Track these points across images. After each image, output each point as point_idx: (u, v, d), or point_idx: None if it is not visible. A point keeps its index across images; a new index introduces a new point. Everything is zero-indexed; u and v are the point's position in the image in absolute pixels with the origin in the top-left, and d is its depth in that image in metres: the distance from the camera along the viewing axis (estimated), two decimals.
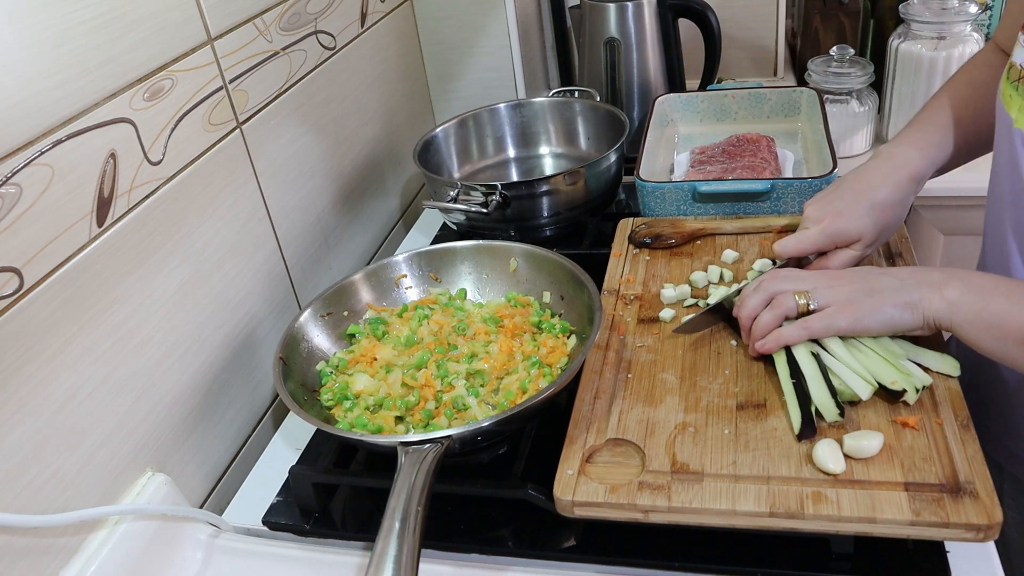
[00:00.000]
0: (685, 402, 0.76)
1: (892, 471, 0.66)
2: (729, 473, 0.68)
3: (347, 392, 0.84)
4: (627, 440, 0.73)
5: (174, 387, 0.83)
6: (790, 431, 0.71)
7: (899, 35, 1.41)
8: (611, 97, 1.44)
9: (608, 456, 0.72)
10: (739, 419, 0.73)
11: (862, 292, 0.74)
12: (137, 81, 0.77)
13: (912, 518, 0.62)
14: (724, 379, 0.78)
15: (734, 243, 1.00)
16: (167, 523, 0.78)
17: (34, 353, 0.66)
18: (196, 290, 0.86)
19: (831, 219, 0.85)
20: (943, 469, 0.66)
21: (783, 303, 0.76)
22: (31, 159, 0.65)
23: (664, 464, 0.70)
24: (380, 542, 0.61)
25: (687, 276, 0.95)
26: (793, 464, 0.68)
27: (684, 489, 0.67)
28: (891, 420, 0.71)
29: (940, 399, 0.72)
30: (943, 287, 0.71)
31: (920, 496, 0.63)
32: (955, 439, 0.68)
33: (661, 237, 1.01)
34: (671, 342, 0.84)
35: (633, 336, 0.86)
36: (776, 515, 0.64)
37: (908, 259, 0.91)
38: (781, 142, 1.22)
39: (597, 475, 0.70)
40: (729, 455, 0.70)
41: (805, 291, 0.75)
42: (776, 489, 0.66)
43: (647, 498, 0.67)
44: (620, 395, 0.78)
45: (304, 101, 1.07)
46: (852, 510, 0.63)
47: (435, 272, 0.99)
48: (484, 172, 1.33)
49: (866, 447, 0.67)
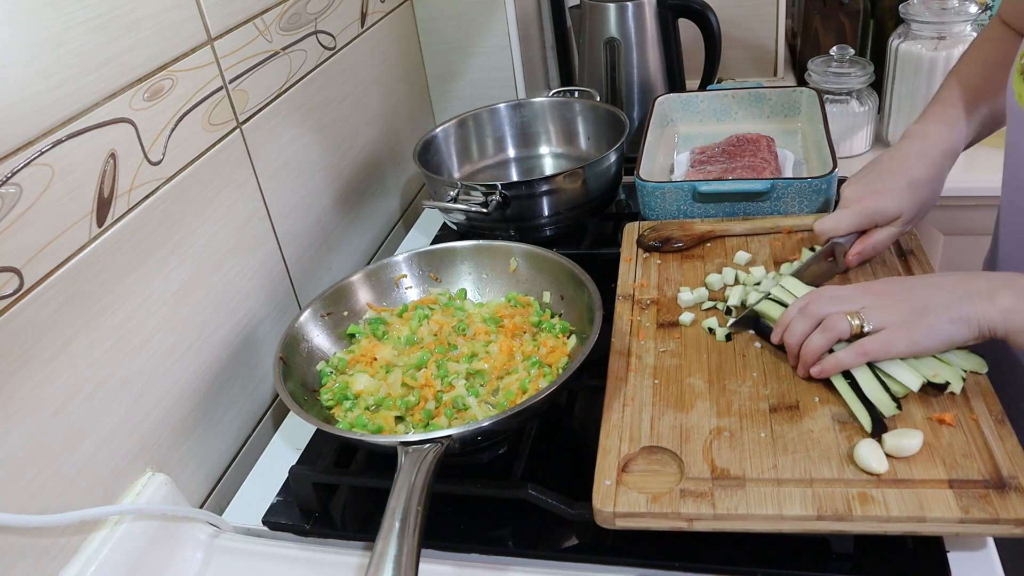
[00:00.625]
0: (716, 406, 0.75)
1: (935, 469, 0.65)
2: (771, 477, 0.67)
3: (347, 392, 0.84)
4: (662, 447, 0.71)
5: (174, 387, 0.83)
6: (827, 432, 0.70)
7: (899, 35, 1.41)
8: (611, 97, 1.44)
9: (644, 464, 0.70)
10: (773, 422, 0.72)
11: (916, 312, 0.71)
12: (137, 81, 0.77)
13: (961, 516, 0.61)
14: (753, 382, 0.78)
15: (744, 244, 0.99)
16: (167, 523, 0.78)
17: (34, 353, 0.66)
18: (196, 290, 0.86)
19: (870, 199, 0.85)
20: (984, 465, 0.65)
21: (836, 326, 0.72)
22: (31, 159, 0.65)
23: (704, 471, 0.69)
24: (380, 542, 0.61)
25: (702, 279, 0.94)
26: (835, 465, 0.67)
27: (728, 495, 0.66)
28: (926, 417, 0.70)
29: (972, 395, 0.72)
30: (994, 296, 0.69)
31: (966, 493, 0.63)
32: (992, 434, 0.68)
33: (670, 240, 1.00)
34: (694, 346, 0.84)
35: (655, 341, 0.85)
36: (824, 518, 0.63)
37: (920, 256, 0.91)
38: (781, 142, 1.22)
39: (636, 484, 0.68)
40: (769, 459, 0.69)
41: (856, 311, 0.73)
42: (821, 492, 0.65)
43: (691, 506, 0.65)
44: (649, 401, 0.77)
45: (304, 101, 1.07)
46: (900, 510, 0.63)
47: (435, 272, 0.99)
48: (484, 172, 1.33)
49: (907, 446, 0.67)
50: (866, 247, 0.87)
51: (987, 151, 1.46)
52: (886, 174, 0.87)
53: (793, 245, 0.98)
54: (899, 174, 0.86)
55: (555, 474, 0.73)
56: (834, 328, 0.73)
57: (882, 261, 0.92)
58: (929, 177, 0.86)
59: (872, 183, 0.87)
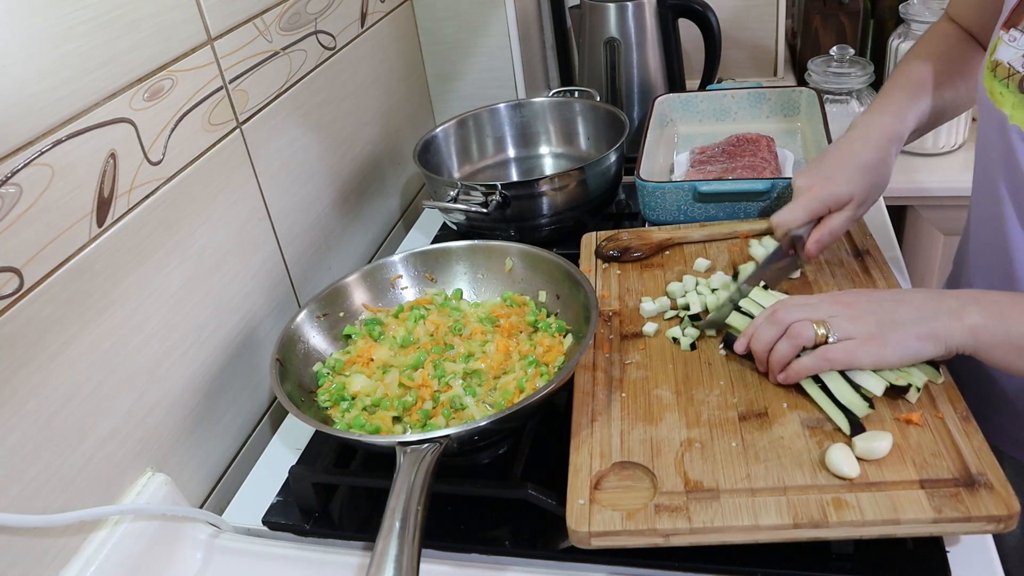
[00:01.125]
0: (686, 417, 0.75)
1: (906, 470, 0.66)
2: (745, 487, 0.67)
3: (344, 393, 0.84)
4: (634, 462, 0.71)
5: (174, 387, 0.83)
6: (797, 438, 0.70)
7: (899, 35, 1.41)
8: (611, 97, 1.44)
9: (616, 481, 0.70)
10: (743, 430, 0.72)
11: (883, 325, 0.71)
12: (137, 81, 0.77)
13: (935, 515, 0.62)
14: (720, 390, 0.77)
15: (703, 251, 0.99)
16: (167, 523, 0.78)
17: (34, 353, 0.67)
18: (196, 290, 0.86)
19: (821, 184, 0.88)
20: (953, 463, 0.65)
21: (801, 333, 0.73)
22: (31, 159, 0.66)
23: (677, 484, 0.68)
24: (380, 542, 0.61)
25: (663, 288, 0.94)
26: (807, 472, 0.67)
27: (703, 508, 0.65)
28: (894, 418, 0.70)
29: (936, 394, 0.72)
30: (962, 314, 0.69)
31: (938, 492, 0.63)
32: (959, 432, 0.68)
33: (629, 250, 1.00)
34: (659, 357, 0.83)
35: (619, 353, 0.85)
36: (801, 526, 0.63)
37: (875, 255, 0.92)
38: (781, 142, 1.22)
39: (609, 502, 0.68)
40: (741, 468, 0.68)
41: (823, 320, 0.73)
42: (795, 499, 0.65)
43: (666, 521, 0.65)
44: (618, 415, 0.76)
45: (304, 101, 1.07)
46: (875, 513, 0.63)
47: (431, 272, 0.99)
48: (484, 172, 1.33)
49: (877, 448, 0.67)
50: (823, 234, 0.88)
51: None
52: (834, 161, 0.89)
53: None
54: (847, 160, 0.89)
55: (555, 474, 0.73)
56: (799, 336, 0.73)
57: (839, 262, 0.93)
58: (876, 160, 0.88)
59: (822, 171, 0.89)
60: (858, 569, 0.67)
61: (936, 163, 1.45)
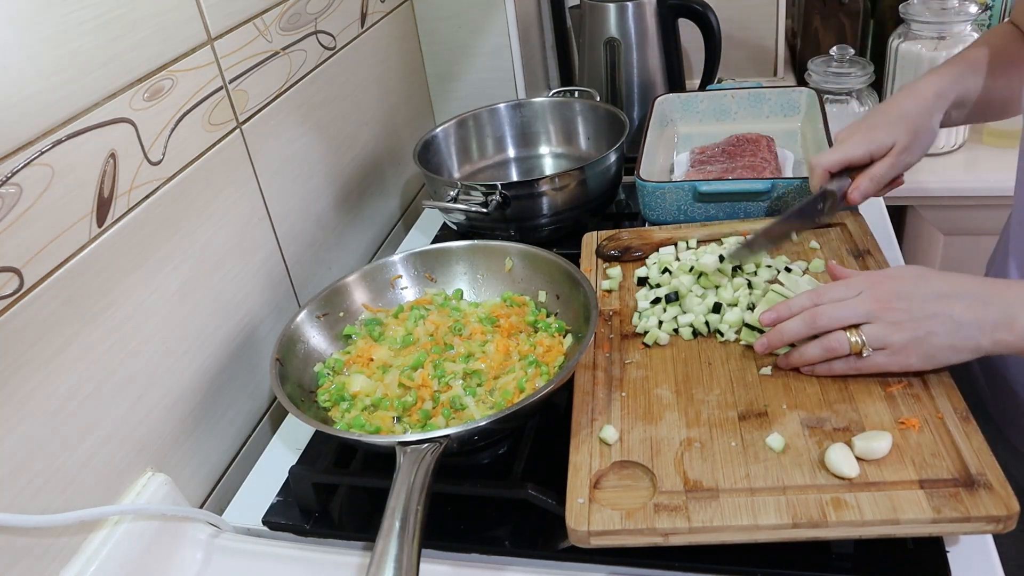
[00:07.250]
0: (685, 417, 0.75)
1: (905, 470, 0.66)
2: (744, 487, 0.67)
3: (344, 393, 0.84)
4: (633, 462, 0.71)
5: (174, 387, 0.83)
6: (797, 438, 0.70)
7: (899, 35, 1.41)
8: (611, 97, 1.44)
9: (616, 480, 0.70)
10: (743, 430, 0.72)
11: (918, 338, 0.71)
12: (137, 81, 0.77)
13: (934, 515, 0.62)
14: (720, 390, 0.77)
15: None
16: (167, 523, 0.78)
17: (34, 353, 0.67)
18: (196, 290, 0.86)
19: (864, 131, 0.89)
20: (953, 463, 0.65)
21: (836, 347, 0.73)
22: (31, 159, 0.66)
23: (676, 483, 0.68)
24: (380, 542, 0.61)
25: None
26: (807, 472, 0.67)
27: (702, 508, 0.65)
28: (895, 421, 0.70)
29: (936, 393, 0.72)
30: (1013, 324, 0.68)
31: (937, 493, 0.63)
32: (959, 432, 0.68)
33: (629, 250, 1.00)
34: (659, 356, 0.83)
35: (619, 353, 0.85)
36: (800, 525, 0.63)
37: (876, 256, 0.92)
38: (781, 142, 1.22)
39: (608, 501, 0.68)
40: (741, 468, 0.69)
41: (858, 326, 0.72)
42: (795, 499, 0.65)
43: (665, 520, 0.65)
44: (617, 415, 0.77)
45: (304, 101, 1.07)
46: (874, 513, 0.63)
47: (431, 272, 0.99)
48: (484, 172, 1.33)
49: (877, 448, 0.67)
50: (866, 180, 0.89)
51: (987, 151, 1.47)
52: (878, 112, 0.92)
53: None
54: (890, 109, 0.90)
55: (555, 474, 0.73)
56: (833, 350, 0.73)
57: (840, 262, 0.92)
58: (919, 110, 0.89)
59: (864, 121, 0.92)
60: (858, 569, 0.67)
61: (936, 163, 1.45)
